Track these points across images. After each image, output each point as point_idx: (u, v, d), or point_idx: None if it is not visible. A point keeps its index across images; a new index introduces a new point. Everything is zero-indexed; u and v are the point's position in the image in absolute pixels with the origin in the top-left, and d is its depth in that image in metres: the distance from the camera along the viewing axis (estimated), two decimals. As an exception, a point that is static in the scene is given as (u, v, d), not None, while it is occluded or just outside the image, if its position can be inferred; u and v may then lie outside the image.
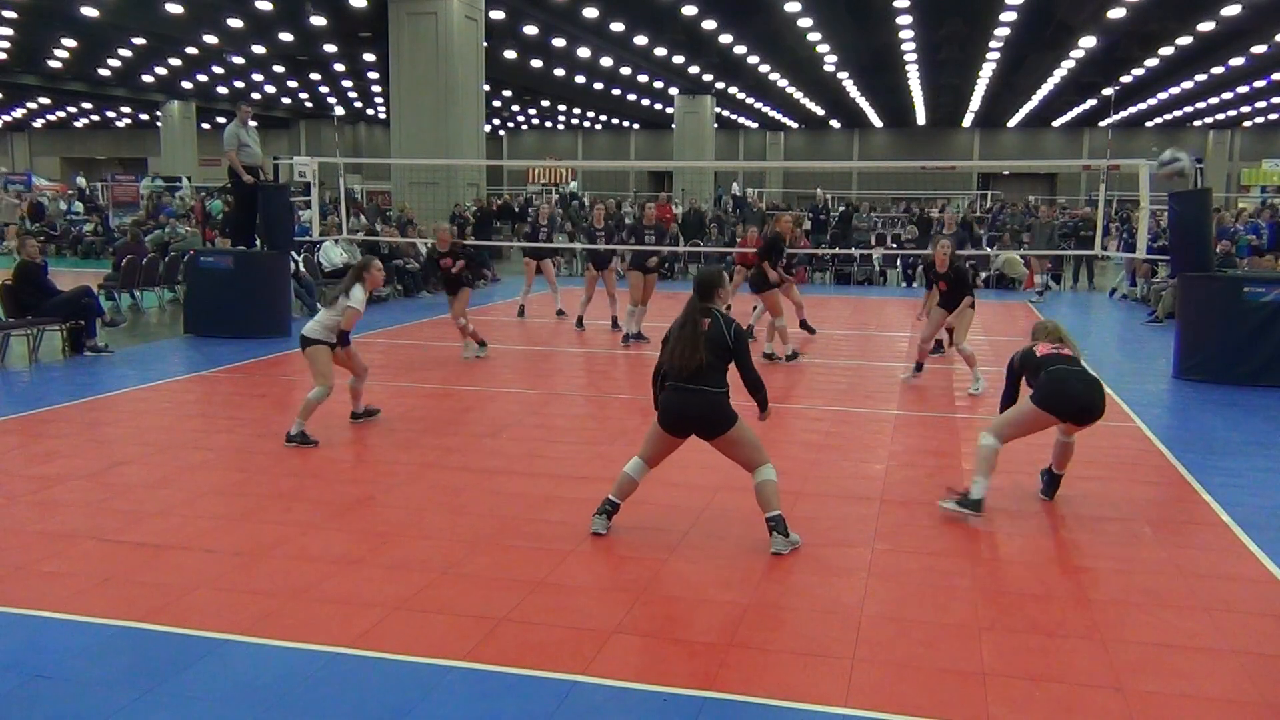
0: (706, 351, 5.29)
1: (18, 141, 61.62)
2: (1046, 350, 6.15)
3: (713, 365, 5.32)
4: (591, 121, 57.34)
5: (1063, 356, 6.07)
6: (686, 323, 5.40)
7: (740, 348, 5.39)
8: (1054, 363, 5.99)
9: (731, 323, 5.43)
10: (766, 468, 5.38)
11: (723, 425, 5.33)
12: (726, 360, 5.37)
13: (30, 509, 5.93)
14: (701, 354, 5.28)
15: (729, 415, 5.34)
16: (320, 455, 7.37)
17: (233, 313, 12.58)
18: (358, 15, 25.23)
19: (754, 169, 48.14)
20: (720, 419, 5.33)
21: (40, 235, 23.36)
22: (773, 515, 5.33)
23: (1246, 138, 51.55)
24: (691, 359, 5.29)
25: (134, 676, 3.93)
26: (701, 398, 5.31)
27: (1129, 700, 3.85)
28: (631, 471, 5.58)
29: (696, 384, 5.30)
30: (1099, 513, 6.11)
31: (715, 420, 5.33)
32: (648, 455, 5.57)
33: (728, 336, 5.35)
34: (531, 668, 4.01)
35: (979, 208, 35.63)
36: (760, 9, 24.58)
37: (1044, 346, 6.22)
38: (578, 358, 12.03)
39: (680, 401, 5.36)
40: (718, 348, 5.33)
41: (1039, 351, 6.15)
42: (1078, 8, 24.13)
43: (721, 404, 5.33)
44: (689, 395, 5.32)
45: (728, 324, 5.40)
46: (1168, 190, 11.20)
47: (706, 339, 5.30)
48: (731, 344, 5.35)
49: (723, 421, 5.33)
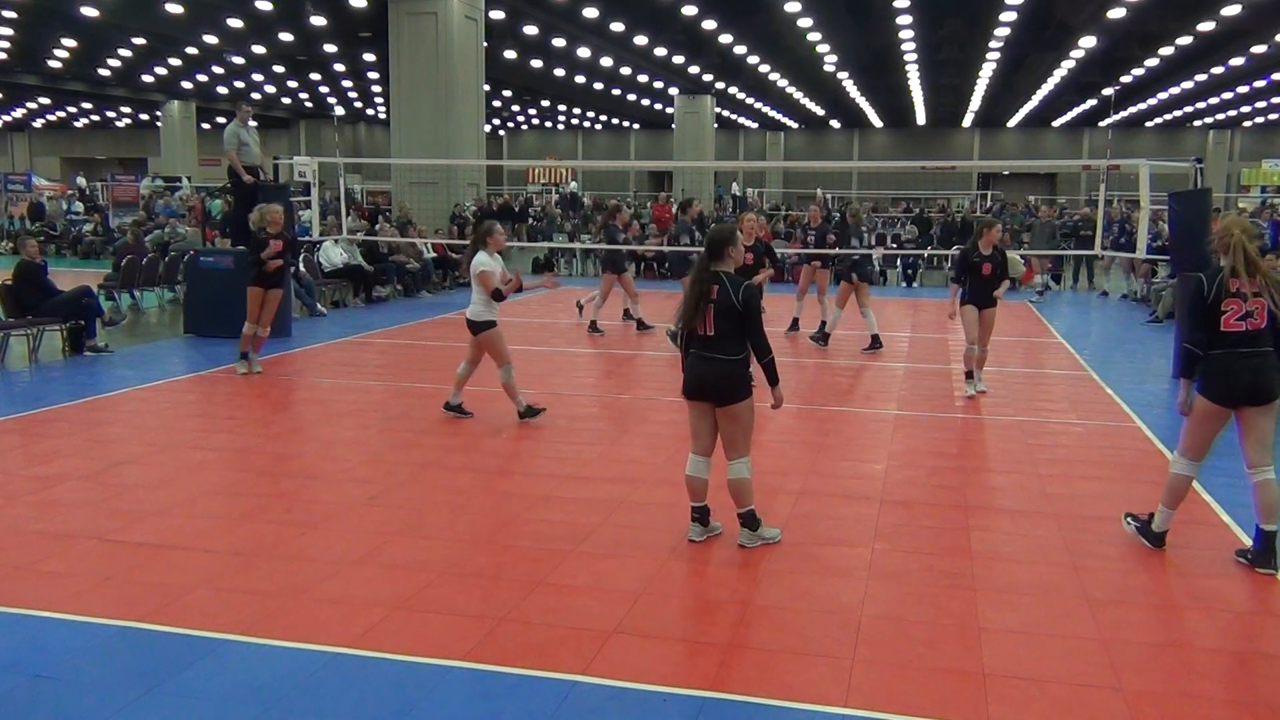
0: (717, 319, 5.19)
1: (18, 141, 61.59)
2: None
3: (725, 333, 5.21)
4: (591, 121, 57.33)
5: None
6: (694, 284, 5.30)
7: (749, 312, 5.19)
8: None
9: (740, 285, 5.20)
10: (743, 463, 5.34)
11: (733, 396, 5.25)
12: (741, 326, 5.23)
13: (30, 509, 5.93)
14: (710, 322, 5.20)
15: (742, 388, 5.26)
16: (320, 455, 7.37)
17: (233, 313, 12.50)
18: (358, 15, 25.23)
19: (754, 169, 48.17)
20: (732, 388, 5.25)
21: (40, 235, 23.36)
22: (744, 511, 5.35)
23: (1246, 138, 51.54)
24: (697, 326, 5.23)
25: (134, 676, 3.93)
26: (715, 366, 5.25)
27: (1129, 700, 3.85)
28: (692, 471, 5.47)
29: (712, 352, 5.25)
30: (1099, 513, 6.11)
31: (727, 390, 5.25)
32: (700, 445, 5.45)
33: (735, 301, 5.16)
34: (531, 668, 4.01)
35: (979, 208, 35.61)
36: (760, 9, 24.57)
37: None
38: (578, 358, 12.02)
39: (698, 369, 5.31)
40: (728, 314, 5.19)
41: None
42: (1078, 8, 24.13)
43: (735, 373, 5.26)
44: (704, 363, 5.27)
45: (735, 287, 5.18)
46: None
47: (716, 306, 5.19)
48: (740, 308, 5.17)
49: (734, 392, 5.25)
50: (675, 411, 8.16)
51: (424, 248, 18.95)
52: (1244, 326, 5.08)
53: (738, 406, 5.27)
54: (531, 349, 12.53)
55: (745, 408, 5.29)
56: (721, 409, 5.30)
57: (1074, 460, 7.42)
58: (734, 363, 5.24)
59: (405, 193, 22.89)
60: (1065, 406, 9.33)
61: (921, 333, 14.12)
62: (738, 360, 5.25)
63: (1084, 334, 14.44)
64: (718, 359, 5.23)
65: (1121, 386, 10.00)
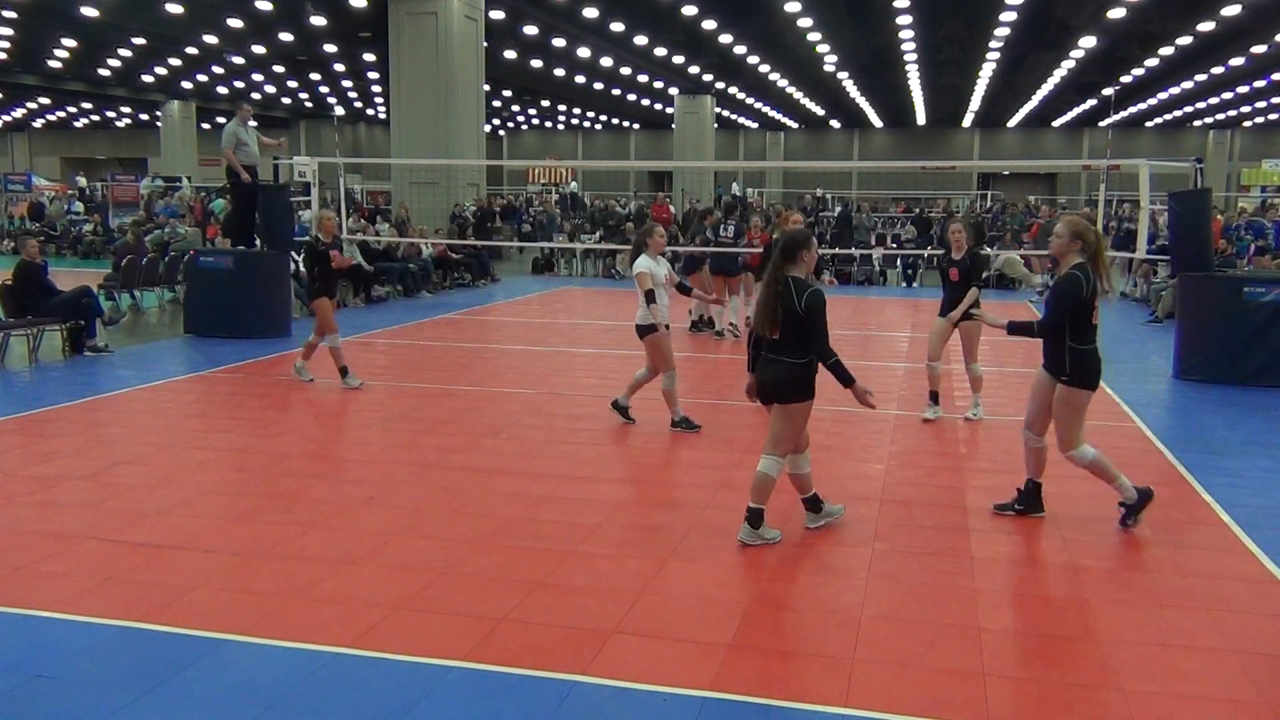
0: (784, 323, 5.27)
1: (18, 141, 61.59)
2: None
3: (790, 338, 5.28)
4: (591, 121, 57.32)
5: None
6: (766, 287, 5.38)
7: (810, 318, 5.23)
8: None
9: (805, 289, 5.25)
10: (774, 461, 5.40)
11: (791, 397, 5.33)
12: (803, 331, 5.28)
13: (30, 509, 5.94)
14: (776, 326, 5.28)
15: (802, 390, 5.32)
16: (320, 455, 7.37)
17: (233, 313, 12.59)
18: (358, 15, 25.23)
19: (754, 169, 48.12)
20: (792, 391, 5.32)
21: (40, 235, 23.36)
22: (753, 506, 5.41)
23: (1246, 138, 51.52)
24: (764, 329, 5.34)
25: (134, 676, 3.93)
26: (776, 369, 5.34)
27: (1129, 700, 3.85)
28: (790, 470, 5.54)
29: (777, 355, 5.34)
30: (1099, 513, 6.11)
31: (787, 392, 5.34)
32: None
33: (798, 306, 5.22)
34: (531, 668, 4.01)
35: (979, 208, 35.61)
36: (760, 9, 24.57)
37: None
38: (579, 358, 12.02)
39: (762, 371, 5.43)
40: (792, 318, 5.26)
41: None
42: (1078, 8, 24.12)
43: (796, 376, 5.30)
44: (768, 365, 5.38)
45: (800, 291, 5.24)
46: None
47: (781, 310, 5.26)
48: (801, 313, 5.23)
49: (793, 394, 5.32)
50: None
51: (423, 247, 18.96)
52: (1096, 322, 5.56)
53: (794, 406, 5.35)
54: (532, 349, 12.54)
55: (800, 409, 5.36)
56: (778, 405, 5.39)
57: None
58: (797, 366, 5.30)
59: (405, 193, 22.90)
60: (1065, 406, 9.31)
61: (921, 333, 14.09)
62: (800, 364, 5.31)
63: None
64: (782, 361, 5.32)
65: (1121, 386, 10.00)
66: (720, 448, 7.56)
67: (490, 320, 15.06)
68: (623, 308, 14.25)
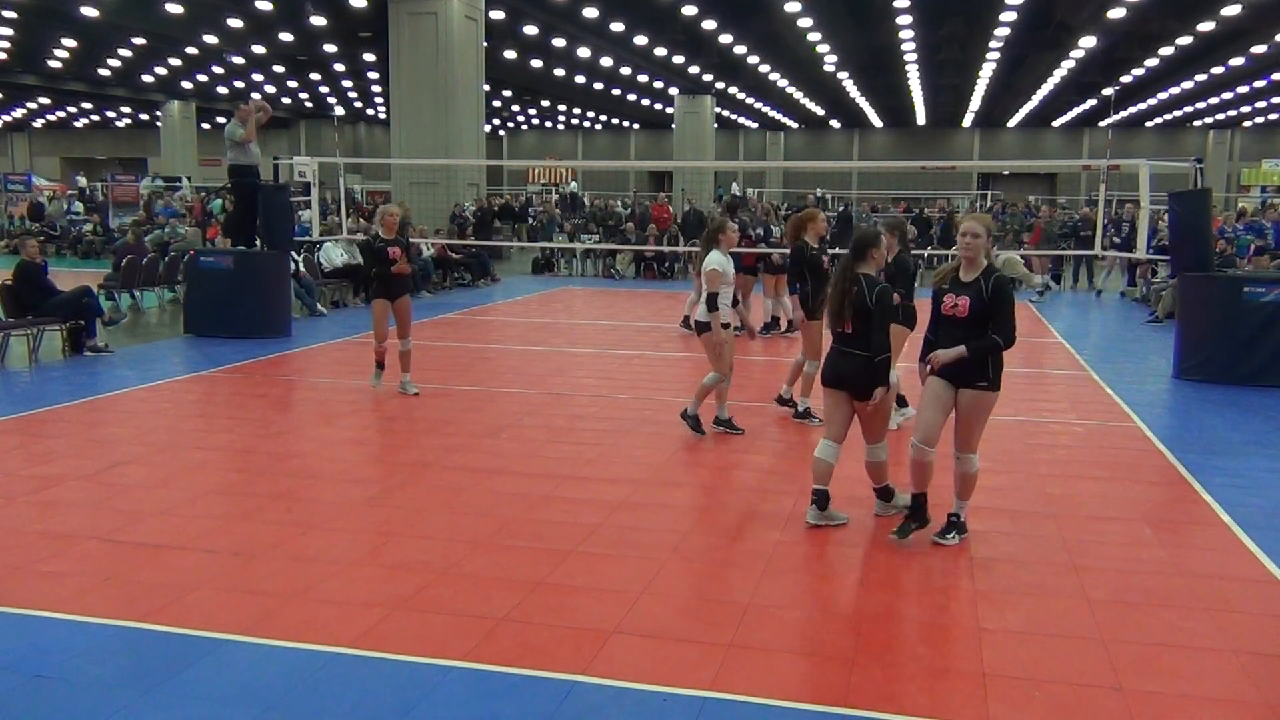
0: (855, 318, 5.45)
1: (18, 141, 61.60)
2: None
3: (862, 331, 5.45)
4: (591, 121, 57.32)
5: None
6: (837, 283, 5.55)
7: (878, 310, 5.43)
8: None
9: (875, 285, 5.48)
10: (880, 447, 5.66)
11: (868, 391, 5.45)
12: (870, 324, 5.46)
13: (30, 509, 5.93)
14: (846, 320, 5.47)
15: (877, 381, 5.44)
16: (319, 455, 7.37)
17: (233, 313, 12.58)
18: (358, 15, 25.23)
19: (754, 169, 48.12)
20: (871, 383, 5.45)
21: (40, 235, 23.35)
22: (879, 488, 5.80)
23: (1246, 138, 51.54)
24: (836, 324, 5.55)
25: (134, 676, 3.94)
26: (851, 361, 5.50)
27: (1129, 700, 3.85)
28: (820, 454, 5.65)
29: (850, 347, 5.52)
30: (1099, 513, 6.11)
31: (866, 385, 5.47)
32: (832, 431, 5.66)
33: (869, 300, 5.43)
34: (531, 668, 4.01)
35: (979, 208, 35.60)
36: (760, 9, 24.58)
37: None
38: (579, 358, 12.02)
39: (834, 363, 5.61)
40: (863, 313, 5.44)
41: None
42: (1078, 8, 24.13)
43: (871, 369, 5.44)
44: (841, 358, 5.57)
45: (870, 287, 5.47)
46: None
47: (852, 305, 5.44)
48: (871, 306, 5.42)
49: (870, 386, 5.45)
50: (676, 411, 8.15)
51: (423, 247, 18.95)
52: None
53: (874, 401, 5.50)
54: (532, 349, 12.53)
55: (883, 400, 5.52)
56: (859, 404, 5.54)
57: (1074, 460, 7.43)
58: (868, 358, 5.46)
59: (405, 192, 22.90)
60: (1065, 406, 9.33)
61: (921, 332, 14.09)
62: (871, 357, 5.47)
63: (1084, 334, 14.44)
64: (855, 354, 5.50)
65: (1121, 386, 10.00)
66: (721, 448, 7.57)
67: (490, 320, 15.05)
68: (623, 308, 14.24)
